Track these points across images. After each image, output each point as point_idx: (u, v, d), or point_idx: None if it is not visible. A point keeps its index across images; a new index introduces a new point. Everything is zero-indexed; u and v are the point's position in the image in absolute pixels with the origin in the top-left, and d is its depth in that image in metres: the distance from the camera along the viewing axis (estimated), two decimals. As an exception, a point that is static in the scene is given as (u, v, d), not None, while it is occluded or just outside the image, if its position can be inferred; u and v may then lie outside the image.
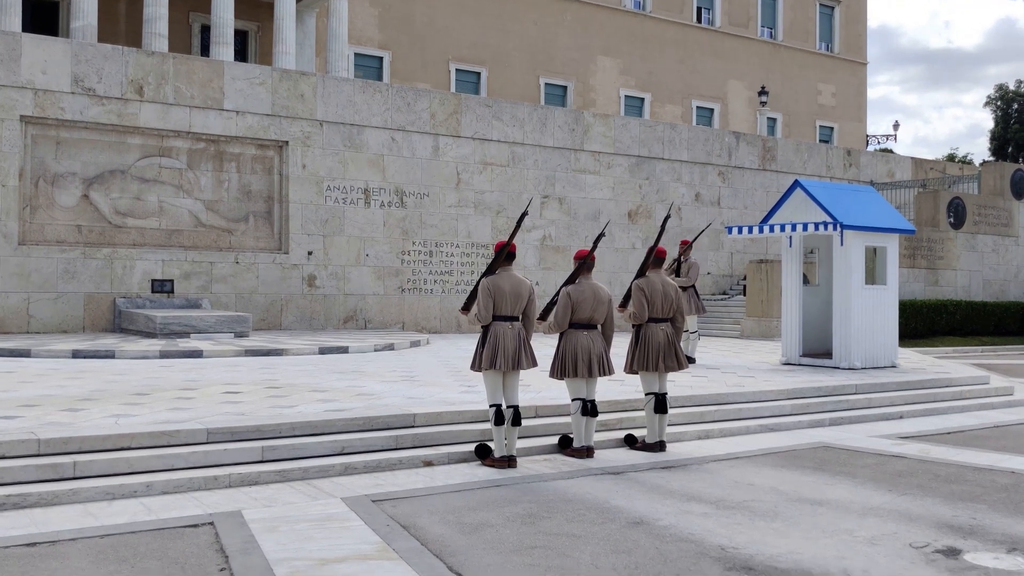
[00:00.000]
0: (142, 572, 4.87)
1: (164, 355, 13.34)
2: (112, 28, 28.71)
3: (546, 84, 38.14)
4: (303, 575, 4.83)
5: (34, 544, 5.33)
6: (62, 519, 5.88)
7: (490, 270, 7.76)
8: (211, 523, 5.81)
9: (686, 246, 14.51)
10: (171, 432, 7.23)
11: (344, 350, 14.90)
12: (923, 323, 21.21)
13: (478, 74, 36.47)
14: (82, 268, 16.90)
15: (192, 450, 7.09)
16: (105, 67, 17.11)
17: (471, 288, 7.86)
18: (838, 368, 13.53)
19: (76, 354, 13.14)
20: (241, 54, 31.46)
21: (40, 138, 16.83)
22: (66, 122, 16.90)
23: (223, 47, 27.91)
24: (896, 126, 51.69)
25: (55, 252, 16.71)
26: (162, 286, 17.54)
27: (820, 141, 45.51)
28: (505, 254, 7.75)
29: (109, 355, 13.18)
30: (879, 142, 49.87)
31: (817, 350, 14.38)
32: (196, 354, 13.54)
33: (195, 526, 5.77)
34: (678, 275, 14.10)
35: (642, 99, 40.68)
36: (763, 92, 39.41)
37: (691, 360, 13.80)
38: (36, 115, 16.57)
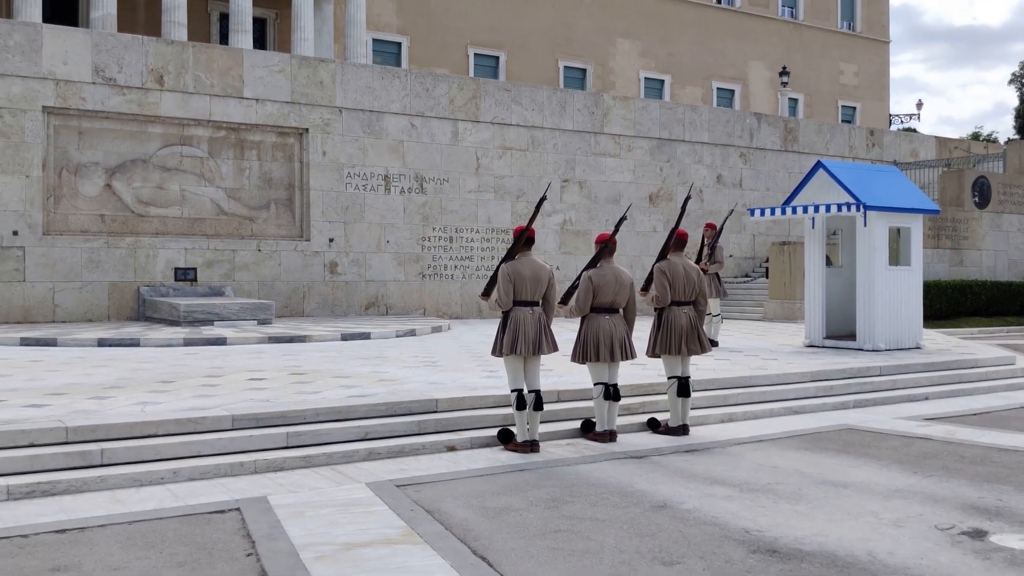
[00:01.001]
0: (170, 557, 4.92)
1: (188, 343, 13.44)
2: (131, 17, 28.83)
3: (565, 67, 37.99)
4: (329, 560, 4.87)
5: (64, 531, 5.39)
6: (91, 505, 5.95)
7: (510, 255, 7.75)
8: (237, 509, 5.86)
9: (713, 230, 14.41)
10: (197, 419, 7.29)
11: (366, 336, 14.96)
12: (948, 304, 21.03)
13: (496, 58, 36.38)
14: (106, 257, 17.04)
15: (218, 437, 7.15)
16: (125, 57, 17.19)
17: (491, 274, 7.85)
18: (862, 350, 13.44)
19: (102, 343, 13.27)
20: (260, 42, 31.52)
21: (62, 128, 16.95)
22: (88, 112, 17.01)
23: (242, 35, 27.99)
24: (919, 105, 51.10)
25: (79, 242, 16.85)
26: (185, 274, 17.66)
27: (842, 121, 45.12)
28: (524, 239, 7.74)
29: (134, 343, 13.30)
30: (902, 121, 49.40)
31: (841, 332, 14.30)
32: (220, 341, 13.63)
33: (222, 512, 5.82)
34: (711, 261, 14.01)
35: (662, 81, 40.45)
36: (784, 72, 39.09)
37: (714, 343, 13.76)
38: (58, 106, 16.69)
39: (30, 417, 7.21)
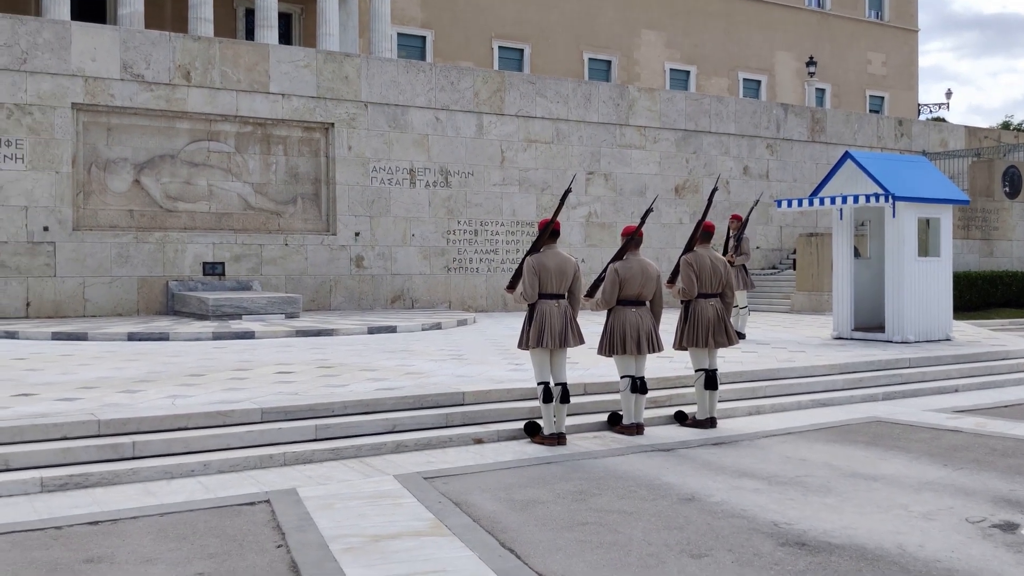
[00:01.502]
0: (201, 549, 4.98)
1: (217, 337, 13.55)
2: (158, 14, 29.04)
3: (590, 59, 37.87)
4: (358, 551, 4.90)
5: (97, 522, 5.46)
6: (123, 498, 6.02)
7: (535, 248, 7.74)
8: (267, 501, 5.91)
9: (739, 222, 14.33)
10: (226, 412, 7.36)
11: (392, 330, 15.02)
12: (978, 295, 20.80)
13: (521, 51, 36.33)
14: (135, 252, 17.20)
15: (247, 429, 7.21)
16: (153, 53, 17.33)
17: (516, 267, 7.85)
18: (891, 342, 13.34)
19: (131, 337, 13.41)
20: (285, 37, 31.66)
21: (91, 125, 17.12)
22: (116, 108, 17.16)
23: (267, 30, 28.12)
24: (949, 94, 50.48)
25: (108, 237, 17.02)
26: (213, 269, 17.80)
27: (870, 111, 44.69)
28: (549, 232, 7.73)
29: (163, 337, 13.43)
30: (931, 111, 48.85)
31: (869, 324, 14.19)
32: (248, 335, 13.74)
33: (252, 504, 5.87)
34: (737, 252, 13.94)
35: (688, 72, 40.23)
36: (811, 62, 38.73)
37: (741, 336, 13.69)
38: (87, 102, 16.85)
39: (63, 411, 7.30)
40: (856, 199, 13.45)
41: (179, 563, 4.75)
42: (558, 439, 7.65)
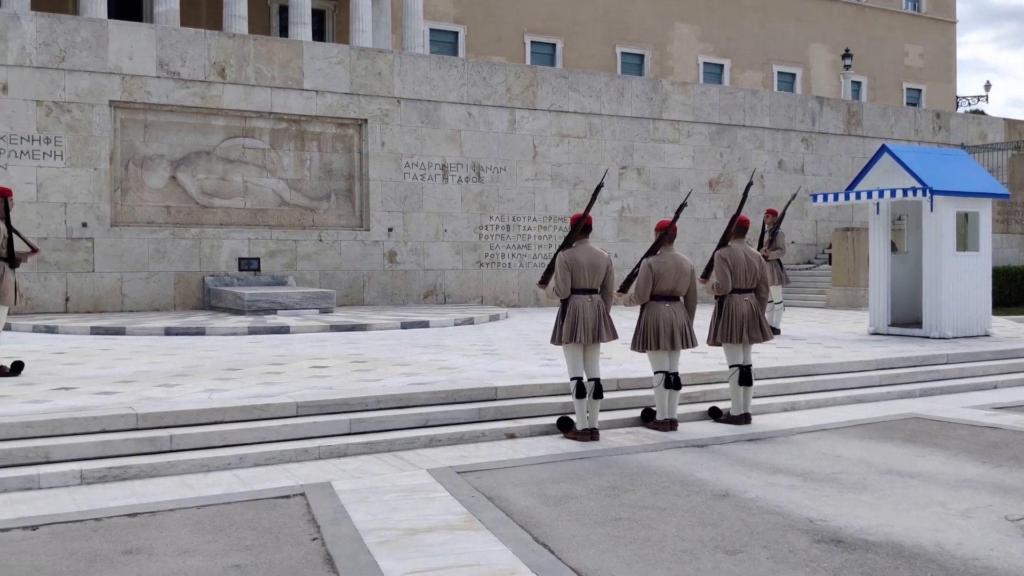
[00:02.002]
0: (238, 541, 5.03)
1: (252, 331, 13.67)
2: (194, 12, 29.32)
3: (623, 53, 37.73)
4: (392, 544, 4.93)
5: (135, 514, 5.54)
6: (161, 490, 6.10)
7: (567, 243, 7.72)
8: (302, 494, 5.96)
9: (775, 216, 14.21)
10: (262, 406, 7.43)
11: (425, 325, 15.07)
12: (1018, 290, 20.50)
13: (553, 45, 36.26)
14: (172, 248, 17.40)
15: (283, 423, 7.28)
16: (188, 51, 17.50)
17: (548, 262, 7.84)
18: (928, 337, 13.18)
19: (168, 331, 13.57)
20: (319, 33, 31.84)
21: (128, 122, 17.32)
22: (153, 106, 17.35)
23: (301, 27, 28.31)
24: (988, 87, 49.76)
25: (146, 233, 17.23)
26: (249, 264, 17.96)
27: (907, 104, 44.12)
28: (582, 226, 7.71)
29: (200, 332, 13.57)
30: (970, 104, 48.17)
31: (906, 319, 14.03)
32: (283, 330, 13.85)
33: (287, 497, 5.92)
34: (772, 247, 13.83)
35: (721, 66, 39.96)
36: (847, 55, 38.30)
37: (776, 331, 13.59)
38: (124, 100, 17.05)
39: (102, 404, 7.40)
40: (893, 193, 13.29)
41: (216, 555, 4.80)
42: (591, 435, 7.65)
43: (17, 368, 9.13)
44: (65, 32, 16.59)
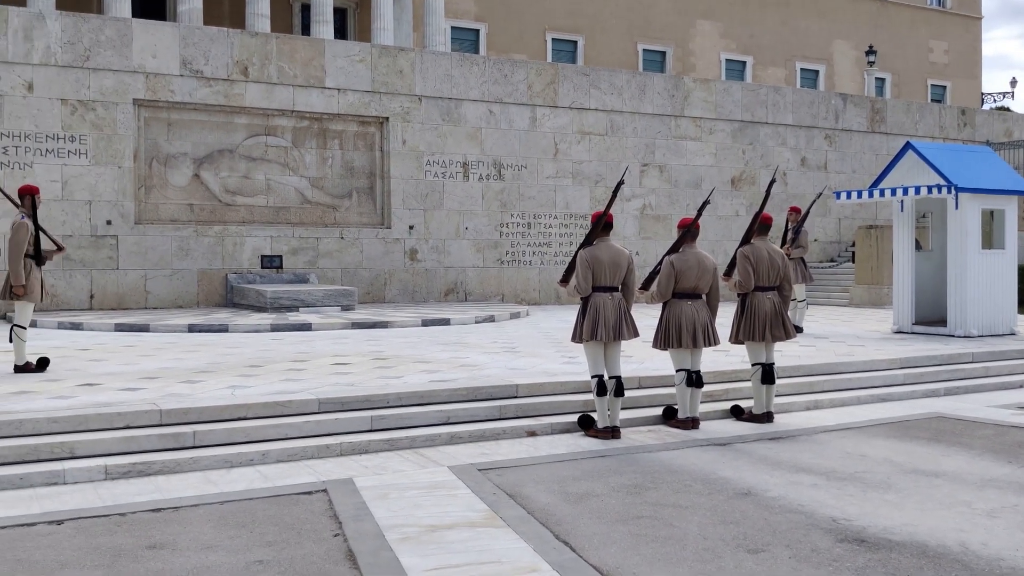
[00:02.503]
0: (260, 537, 5.05)
1: (275, 328, 13.74)
2: (216, 11, 29.48)
3: (644, 50, 37.61)
4: (414, 541, 4.94)
5: (159, 510, 5.58)
6: (184, 486, 6.14)
7: (588, 241, 7.71)
8: (324, 490, 5.98)
9: (798, 214, 14.12)
10: (284, 402, 7.46)
11: (446, 322, 15.09)
12: (1044, 288, 20.25)
13: (574, 43, 36.20)
14: (195, 245, 17.51)
15: (305, 420, 7.31)
16: (211, 49, 17.59)
17: (569, 260, 7.82)
18: (953, 336, 13.06)
19: (192, 328, 13.65)
20: (340, 32, 31.93)
21: (152, 120, 17.44)
22: (176, 104, 17.47)
23: (323, 25, 28.40)
24: (1014, 83, 49.19)
25: (169, 230, 17.35)
26: (271, 261, 18.05)
27: (932, 101, 43.74)
28: (603, 224, 7.70)
29: (223, 329, 13.65)
30: (995, 100, 47.66)
31: (931, 318, 13.92)
32: (305, 327, 13.91)
33: (309, 493, 5.94)
34: (794, 245, 13.75)
35: (744, 62, 39.76)
36: (871, 51, 38.01)
37: (799, 329, 13.51)
38: (148, 98, 17.17)
39: (126, 400, 7.46)
40: (918, 190, 13.18)
41: (239, 550, 4.83)
42: (612, 432, 7.63)
43: (43, 364, 9.22)
44: (90, 31, 16.73)
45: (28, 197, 9.36)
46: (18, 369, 9.08)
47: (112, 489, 6.05)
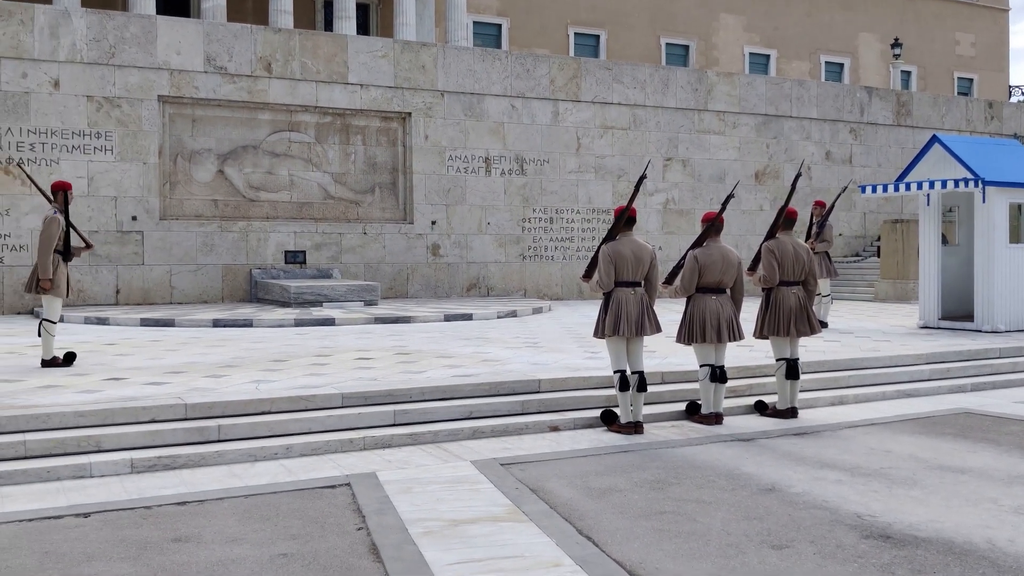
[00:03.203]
0: (284, 530, 5.08)
1: (299, 323, 13.80)
2: (240, 7, 29.59)
3: (667, 44, 37.42)
4: (436, 535, 4.95)
5: (184, 503, 5.62)
6: (209, 479, 6.19)
7: (610, 236, 7.68)
8: (348, 484, 6.00)
9: (823, 208, 14.02)
10: (308, 397, 7.50)
11: (468, 317, 15.11)
12: (1073, 283, 20.01)
13: (597, 37, 36.07)
14: (219, 241, 17.61)
15: (328, 414, 7.34)
16: (235, 45, 17.68)
17: (592, 255, 7.79)
18: (980, 331, 12.94)
19: (216, 323, 13.74)
20: (363, 27, 31.98)
21: (177, 116, 17.56)
22: (200, 100, 17.57)
23: (346, 21, 28.44)
24: (1043, 75, 48.58)
25: (194, 226, 17.46)
26: (295, 257, 18.14)
27: (959, 94, 43.29)
28: (625, 219, 7.67)
29: (247, 324, 13.73)
30: (1023, 93, 47.07)
31: (957, 313, 13.78)
32: (329, 322, 13.97)
33: (332, 487, 5.97)
34: (819, 239, 13.66)
35: (767, 56, 39.48)
36: (896, 44, 37.64)
37: (824, 324, 13.44)
38: (172, 95, 17.28)
39: (151, 394, 7.52)
40: (944, 184, 13.06)
41: (263, 543, 4.86)
42: (635, 428, 7.61)
43: (70, 359, 9.31)
44: (115, 28, 16.85)
45: (61, 193, 9.45)
46: (45, 363, 9.18)
47: (138, 482, 6.11)
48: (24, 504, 5.58)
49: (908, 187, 13.68)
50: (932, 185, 13.23)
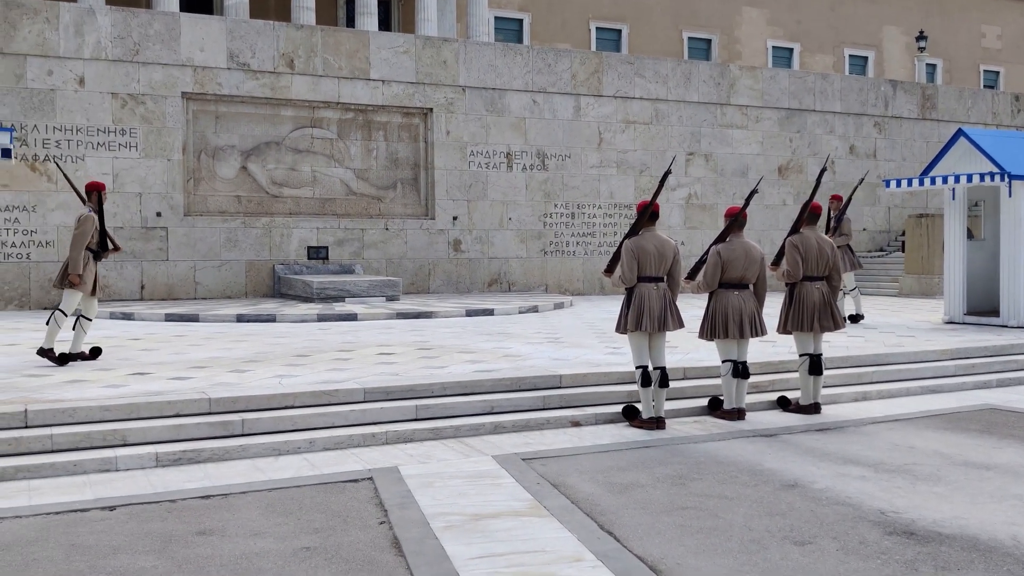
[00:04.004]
0: (307, 524, 5.11)
1: (321, 318, 13.87)
2: (262, 3, 29.72)
3: (689, 38, 37.25)
4: (458, 529, 4.97)
5: (208, 496, 5.67)
6: (233, 473, 6.23)
7: (633, 231, 7.67)
8: (370, 478, 6.03)
9: (840, 202, 13.94)
10: (331, 391, 7.53)
11: (489, 312, 15.12)
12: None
13: (619, 31, 35.96)
14: (243, 236, 17.72)
15: (351, 408, 7.37)
16: (258, 42, 17.77)
17: (614, 250, 7.78)
18: (1006, 327, 12.81)
19: (240, 318, 13.83)
20: (385, 23, 32.04)
21: (200, 113, 17.67)
22: (223, 97, 17.67)
23: (367, 17, 28.52)
24: (1071, 67, 47.95)
25: (217, 222, 17.58)
26: (317, 252, 18.23)
27: (984, 87, 42.82)
28: (649, 214, 7.65)
29: (270, 319, 13.81)
30: (1051, 85, 46.48)
31: (983, 308, 13.66)
32: (351, 317, 14.02)
33: (355, 481, 6.00)
34: (837, 233, 13.57)
35: (790, 49, 39.22)
36: (921, 37, 37.27)
37: (860, 317, 13.42)
38: (196, 91, 17.40)
39: (176, 389, 7.59)
40: (969, 178, 12.93)
41: (286, 537, 4.89)
42: (657, 423, 7.60)
43: (95, 353, 9.40)
44: (139, 26, 16.98)
45: (95, 193, 9.49)
46: (42, 353, 9.08)
47: (163, 476, 6.16)
48: (51, 497, 5.64)
49: (933, 181, 13.56)
50: (957, 179, 13.11)
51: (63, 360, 9.20)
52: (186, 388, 7.62)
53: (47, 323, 9.30)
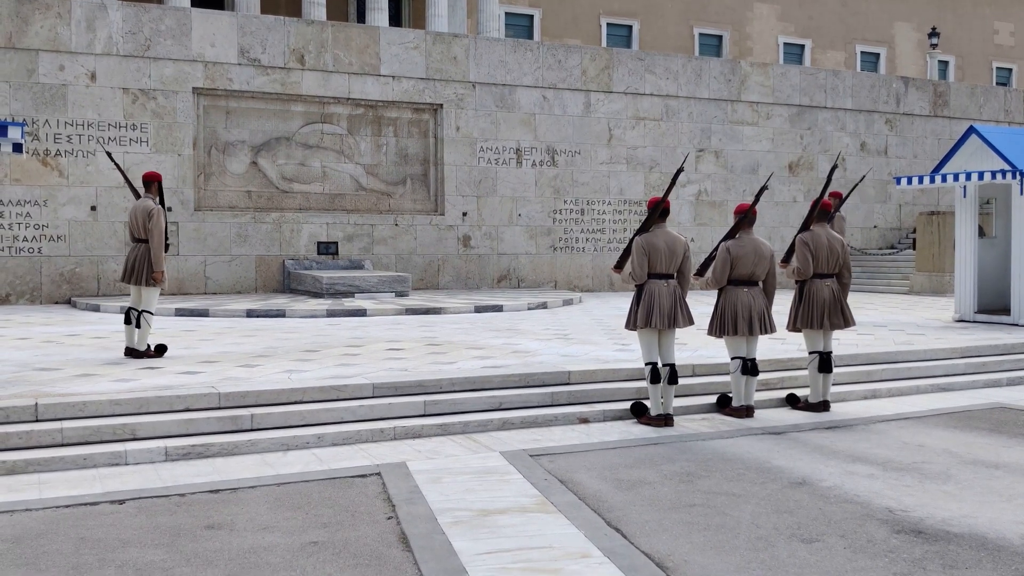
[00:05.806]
0: (315, 518, 5.13)
1: (331, 314, 13.90)
2: (274, -1, 29.75)
3: (700, 34, 37.14)
4: (466, 525, 4.98)
5: (217, 491, 5.69)
6: (241, 468, 6.26)
7: (644, 227, 7.66)
8: (378, 474, 6.05)
9: (839, 199, 13.87)
10: (340, 387, 7.55)
11: (499, 309, 15.13)
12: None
13: (629, 27, 35.88)
14: (253, 232, 17.76)
15: (359, 404, 7.39)
16: (268, 38, 17.79)
17: (623, 246, 7.77)
18: (1017, 325, 12.76)
19: (250, 313, 13.87)
20: (395, 19, 32.03)
21: (211, 108, 17.71)
22: (234, 92, 17.71)
23: (378, 13, 28.52)
24: (1085, 64, 47.63)
25: (228, 217, 17.62)
26: (327, 248, 18.26)
27: (997, 84, 42.60)
28: (660, 210, 7.64)
29: (280, 314, 13.84)
30: (1065, 82, 46.20)
31: (994, 306, 13.60)
32: (360, 313, 14.04)
33: (363, 476, 6.02)
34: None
35: (802, 46, 39.07)
36: (934, 33, 37.09)
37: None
38: (206, 87, 17.43)
39: (185, 383, 7.61)
40: (981, 176, 12.87)
41: (294, 531, 4.91)
42: (665, 420, 7.59)
43: (161, 350, 9.34)
44: (150, 21, 17.02)
45: (155, 184, 9.38)
46: (138, 355, 9.08)
47: (172, 470, 6.19)
48: (61, 491, 5.67)
49: (944, 179, 13.51)
50: (969, 177, 13.05)
51: (160, 350, 9.18)
52: (195, 383, 7.65)
53: (135, 326, 9.09)
